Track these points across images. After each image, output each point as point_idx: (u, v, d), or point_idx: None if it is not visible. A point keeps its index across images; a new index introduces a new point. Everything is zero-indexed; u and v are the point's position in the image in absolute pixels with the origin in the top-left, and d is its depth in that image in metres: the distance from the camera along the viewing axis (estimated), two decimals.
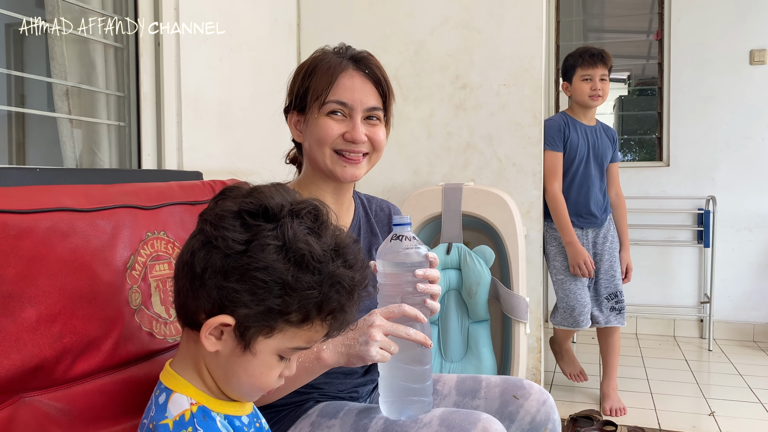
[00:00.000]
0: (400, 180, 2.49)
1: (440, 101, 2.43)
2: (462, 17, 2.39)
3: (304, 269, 0.72)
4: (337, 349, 0.96)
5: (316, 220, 0.77)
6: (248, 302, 0.71)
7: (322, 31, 2.51)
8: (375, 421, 1.02)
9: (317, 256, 0.73)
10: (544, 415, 1.17)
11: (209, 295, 0.72)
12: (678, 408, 2.57)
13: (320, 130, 1.14)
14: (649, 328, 3.84)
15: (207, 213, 0.76)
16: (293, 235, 0.73)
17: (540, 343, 2.39)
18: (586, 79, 2.56)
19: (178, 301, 0.78)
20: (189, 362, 0.79)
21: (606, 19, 4.26)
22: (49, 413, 0.86)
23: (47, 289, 0.87)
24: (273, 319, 0.73)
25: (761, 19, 3.58)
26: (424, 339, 0.96)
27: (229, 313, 0.72)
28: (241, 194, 0.76)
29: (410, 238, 1.01)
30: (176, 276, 0.77)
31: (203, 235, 0.73)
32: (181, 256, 0.76)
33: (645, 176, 3.84)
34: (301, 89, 1.17)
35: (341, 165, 1.15)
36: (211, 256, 0.72)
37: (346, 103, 1.14)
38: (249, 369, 0.76)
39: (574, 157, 2.56)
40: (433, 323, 2.20)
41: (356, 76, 1.16)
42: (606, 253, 2.63)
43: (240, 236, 0.72)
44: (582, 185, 2.59)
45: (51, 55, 1.59)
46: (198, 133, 1.87)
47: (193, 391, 0.77)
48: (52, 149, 1.66)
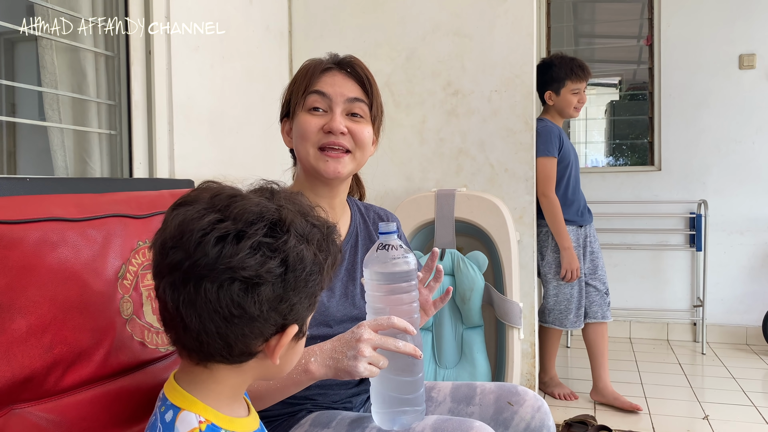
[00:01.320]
0: (393, 186, 2.49)
1: (432, 107, 2.44)
2: (453, 24, 2.40)
3: (321, 247, 0.77)
4: (324, 362, 0.94)
5: (288, 199, 0.78)
6: (305, 303, 0.76)
7: (313, 39, 2.52)
8: (367, 430, 1.02)
9: (322, 230, 0.78)
10: (538, 421, 1.17)
11: (273, 324, 0.74)
12: (672, 412, 2.57)
13: (301, 126, 1.15)
14: (642, 332, 3.85)
15: (222, 262, 0.69)
16: (303, 227, 0.75)
17: (534, 349, 2.39)
18: (576, 92, 2.65)
19: (224, 351, 0.74)
20: (205, 381, 0.77)
21: (596, 25, 4.29)
22: (40, 425, 0.85)
23: (37, 299, 0.86)
24: (317, 297, 0.80)
25: (750, 23, 3.61)
26: (413, 351, 0.95)
27: (292, 323, 0.76)
28: (225, 226, 0.71)
29: (397, 247, 0.99)
30: (215, 334, 0.72)
31: (239, 282, 0.70)
32: (216, 313, 0.71)
33: (637, 181, 3.86)
34: (289, 95, 1.20)
35: (324, 160, 1.14)
36: (260, 294, 0.71)
37: (325, 93, 1.14)
38: (299, 349, 0.83)
39: (568, 162, 2.65)
40: (427, 329, 2.20)
41: (338, 74, 1.17)
42: (597, 248, 2.75)
43: (275, 261, 0.72)
44: (576, 186, 2.70)
45: (41, 64, 1.59)
46: (190, 141, 1.87)
47: (202, 408, 0.76)
48: (43, 158, 1.65)
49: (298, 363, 0.95)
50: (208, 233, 0.70)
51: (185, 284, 0.71)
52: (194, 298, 0.71)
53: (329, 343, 0.96)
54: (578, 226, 2.69)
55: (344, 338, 0.94)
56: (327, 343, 0.96)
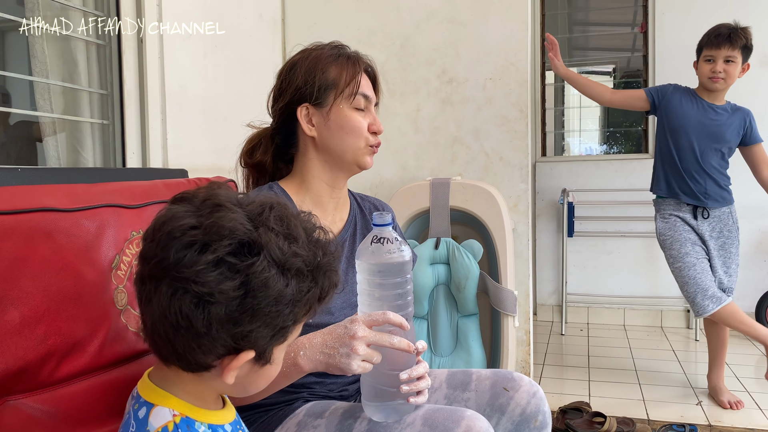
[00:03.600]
0: (387, 175, 2.49)
1: (427, 96, 2.43)
2: (447, 11, 2.39)
3: (301, 278, 0.73)
4: (314, 356, 0.94)
5: (282, 221, 0.73)
6: (265, 333, 0.71)
7: (307, 27, 2.50)
8: (359, 421, 1.02)
9: (308, 260, 0.73)
10: (534, 407, 1.17)
11: (223, 344, 0.70)
12: (666, 398, 2.59)
13: (352, 123, 1.19)
14: (636, 319, 3.87)
15: (176, 270, 0.68)
16: (282, 254, 0.70)
17: (529, 336, 2.40)
18: (709, 60, 2.48)
19: (173, 357, 0.72)
20: (176, 381, 0.76)
21: (591, 12, 4.28)
22: (35, 416, 0.85)
23: (30, 290, 0.86)
24: (287, 330, 0.74)
25: (744, 10, 3.60)
26: (408, 347, 0.94)
27: (248, 348, 0.71)
28: (195, 233, 0.69)
29: (392, 240, 0.97)
30: (164, 338, 0.71)
31: (191, 295, 0.67)
32: (165, 319, 0.69)
33: (631, 168, 3.86)
34: (320, 82, 1.18)
35: (370, 155, 1.23)
36: (210, 312, 0.68)
37: (369, 97, 1.22)
38: (268, 374, 0.78)
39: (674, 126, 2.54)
40: (423, 318, 2.20)
41: (364, 75, 1.23)
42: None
43: (233, 282, 0.67)
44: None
45: (32, 54, 1.57)
46: (183, 131, 1.85)
47: (176, 402, 0.74)
48: (35, 148, 1.64)
49: (287, 356, 0.95)
50: (177, 237, 0.68)
51: (149, 280, 0.70)
52: (151, 297, 0.70)
53: (319, 335, 0.95)
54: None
55: (336, 333, 0.93)
56: (317, 335, 0.95)
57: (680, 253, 2.48)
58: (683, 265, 2.47)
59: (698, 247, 2.49)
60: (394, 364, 0.97)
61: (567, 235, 3.82)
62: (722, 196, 2.51)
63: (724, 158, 2.53)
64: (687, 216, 2.52)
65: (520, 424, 1.17)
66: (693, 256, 2.47)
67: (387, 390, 0.99)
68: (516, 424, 1.17)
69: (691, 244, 2.48)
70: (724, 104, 2.54)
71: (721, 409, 2.45)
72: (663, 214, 2.58)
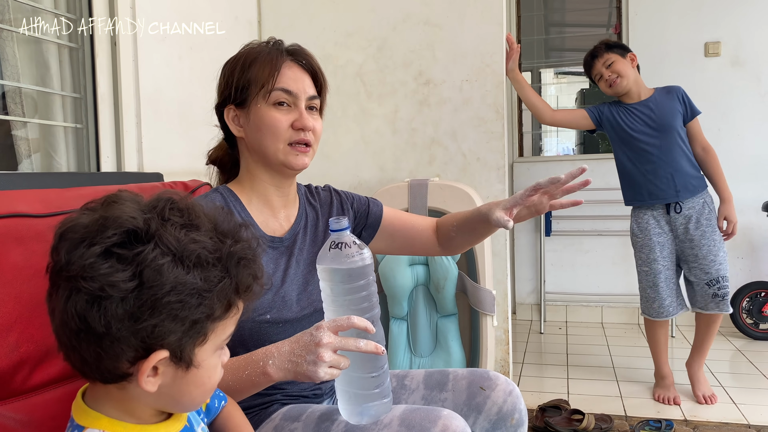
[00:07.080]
0: (366, 177, 2.49)
1: (404, 97, 2.44)
2: (423, 13, 2.40)
3: (206, 267, 0.69)
4: (282, 365, 0.92)
5: (182, 212, 0.71)
6: (173, 328, 0.66)
7: (283, 29, 2.50)
8: (336, 424, 1.02)
9: (210, 247, 0.70)
10: (510, 405, 1.19)
11: (128, 345, 0.65)
12: (644, 395, 2.63)
13: (269, 122, 1.14)
14: (614, 316, 3.92)
15: (67, 270, 0.65)
16: (177, 241, 0.67)
17: (507, 335, 2.42)
18: (598, 78, 2.61)
19: (86, 368, 0.69)
20: (106, 398, 0.72)
21: (567, 14, 4.32)
22: (8, 425, 0.84)
23: (1, 297, 0.85)
24: (202, 326, 0.69)
25: (715, 11, 3.67)
26: (375, 348, 0.93)
27: (158, 348, 0.67)
28: (84, 230, 0.66)
29: (350, 245, 0.96)
30: (70, 347, 0.67)
31: (84, 294, 0.64)
32: (65, 325, 0.66)
33: (607, 168, 3.88)
34: (241, 82, 1.16)
35: (294, 155, 1.16)
36: (106, 309, 0.64)
37: (291, 91, 1.15)
38: (198, 380, 0.72)
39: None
40: (402, 318, 2.21)
41: (294, 66, 1.17)
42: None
43: (124, 274, 0.64)
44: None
45: (2, 56, 1.55)
46: (158, 134, 1.84)
47: (107, 423, 0.71)
48: (6, 153, 1.62)
49: (256, 365, 0.94)
50: (68, 237, 0.66)
51: (51, 290, 0.68)
52: (54, 307, 0.67)
53: (287, 344, 0.94)
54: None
55: (303, 341, 0.92)
56: (285, 344, 0.94)
57: (649, 258, 2.57)
58: (650, 270, 2.57)
59: (667, 252, 2.55)
60: (363, 367, 0.97)
61: (545, 235, 3.86)
62: (692, 184, 2.52)
63: (684, 141, 2.56)
64: (660, 213, 2.56)
65: (496, 422, 1.18)
66: (661, 263, 2.55)
67: (360, 393, 0.98)
68: (493, 423, 1.18)
69: (661, 248, 2.54)
70: (651, 93, 2.60)
71: (697, 404, 2.50)
72: (637, 215, 2.64)
